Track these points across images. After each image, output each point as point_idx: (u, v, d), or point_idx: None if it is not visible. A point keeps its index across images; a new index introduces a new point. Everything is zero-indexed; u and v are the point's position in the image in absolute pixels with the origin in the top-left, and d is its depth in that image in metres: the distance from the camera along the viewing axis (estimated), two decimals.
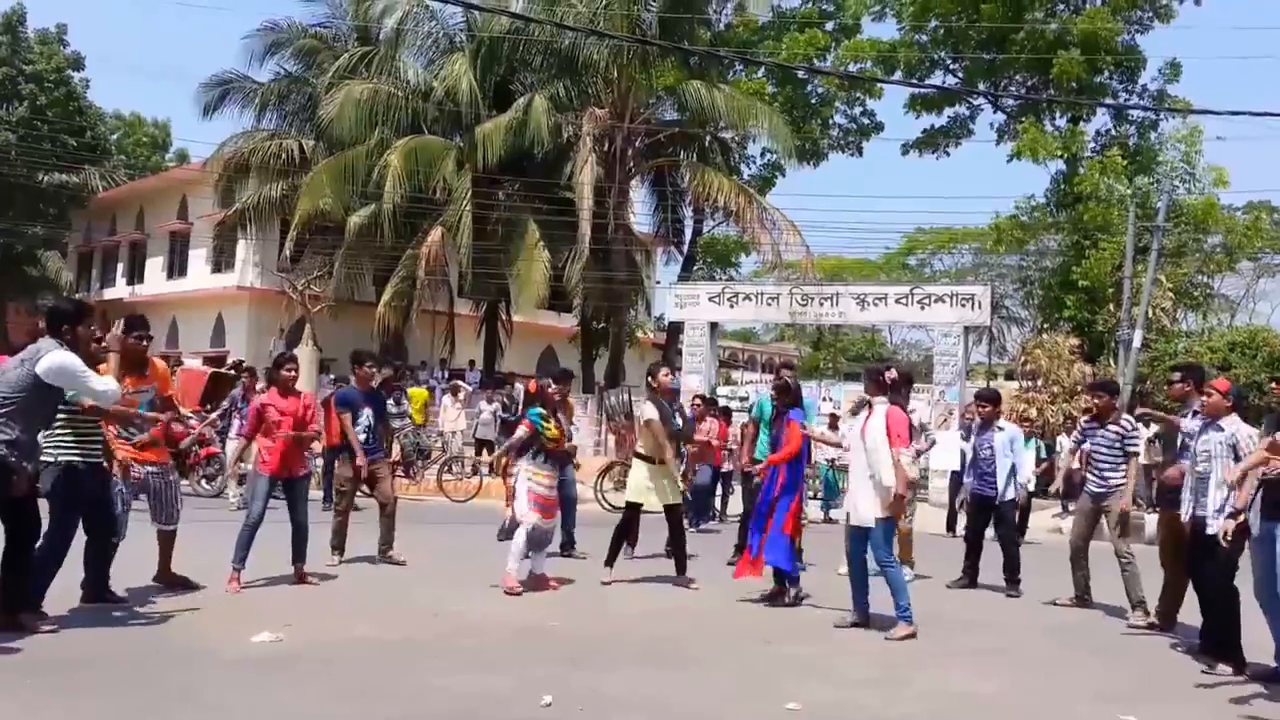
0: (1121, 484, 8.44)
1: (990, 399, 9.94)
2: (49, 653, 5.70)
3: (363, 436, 9.12)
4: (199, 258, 33.34)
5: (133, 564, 7.31)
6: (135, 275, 36.74)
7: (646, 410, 8.68)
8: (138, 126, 47.84)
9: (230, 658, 5.82)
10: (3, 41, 35.95)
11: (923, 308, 20.42)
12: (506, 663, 6.00)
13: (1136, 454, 8.63)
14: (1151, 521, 14.72)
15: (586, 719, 5.04)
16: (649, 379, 8.95)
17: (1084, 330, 25.26)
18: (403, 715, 4.99)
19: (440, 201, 25.43)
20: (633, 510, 8.88)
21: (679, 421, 9.00)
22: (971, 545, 9.68)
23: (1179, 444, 7.50)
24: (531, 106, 24.83)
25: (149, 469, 7.27)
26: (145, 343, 7.29)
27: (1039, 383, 22.75)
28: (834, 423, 16.04)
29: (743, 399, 21.67)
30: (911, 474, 7.35)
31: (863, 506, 7.28)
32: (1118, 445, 8.50)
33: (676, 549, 8.90)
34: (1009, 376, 31.31)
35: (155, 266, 35.64)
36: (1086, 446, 8.96)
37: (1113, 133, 29.15)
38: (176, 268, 34.71)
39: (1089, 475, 8.74)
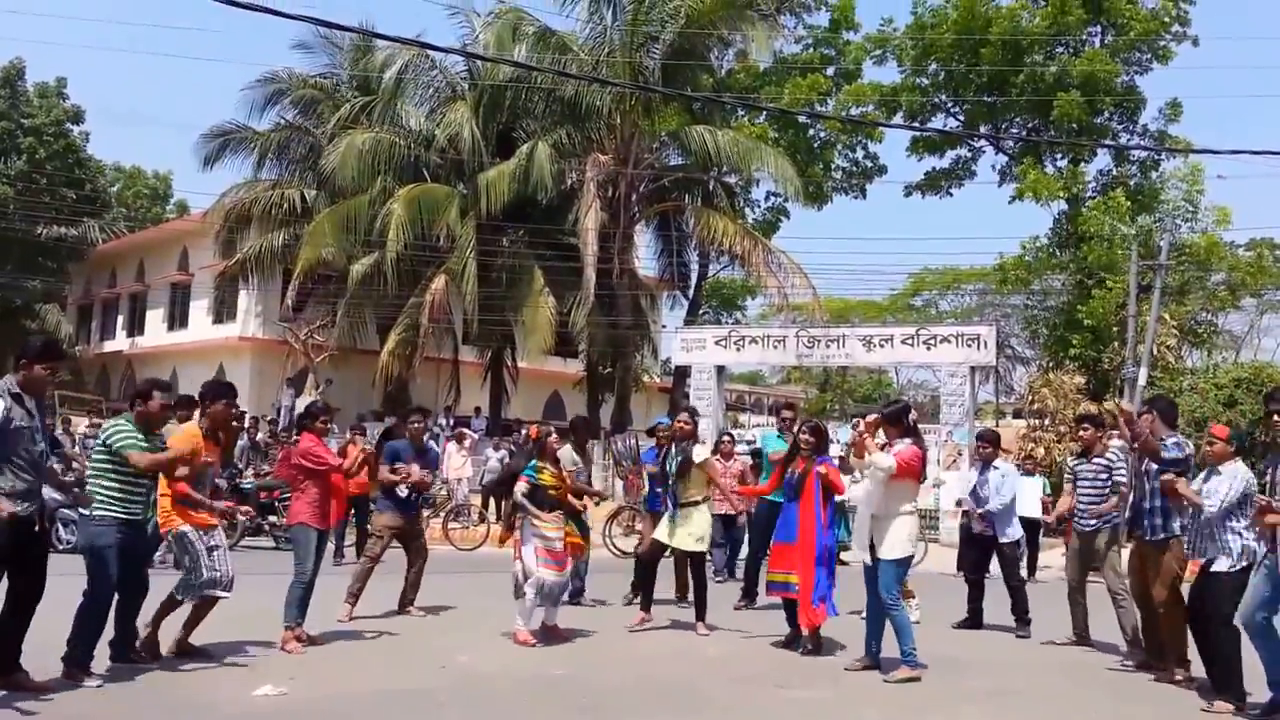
0: (1109, 520, 8.34)
1: (990, 440, 9.92)
2: (47, 711, 5.50)
3: (404, 491, 9.01)
4: (200, 308, 33.22)
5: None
6: (135, 327, 36.59)
7: (696, 453, 8.76)
8: (138, 178, 47.92)
9: (232, 713, 5.68)
10: (2, 95, 36.10)
11: (929, 348, 20.44)
12: (515, 713, 5.93)
13: (1123, 483, 8.29)
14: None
15: None
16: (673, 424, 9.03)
17: (1090, 368, 25.37)
18: None
19: (444, 249, 25.35)
20: (657, 548, 8.81)
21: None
22: (973, 585, 9.58)
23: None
24: (534, 153, 24.82)
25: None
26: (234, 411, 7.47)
27: (1046, 421, 22.72)
28: (843, 464, 15.84)
29: (749, 442, 21.47)
30: (855, 475, 7.50)
31: (877, 546, 7.14)
32: (1103, 477, 8.43)
33: (698, 595, 8.68)
34: (1016, 415, 31.28)
35: (156, 318, 35.49)
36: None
37: (1114, 173, 29.42)
38: (177, 319, 34.57)
39: (1076, 512, 8.65)
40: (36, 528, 5.82)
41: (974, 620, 9.45)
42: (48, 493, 6.12)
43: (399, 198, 24.71)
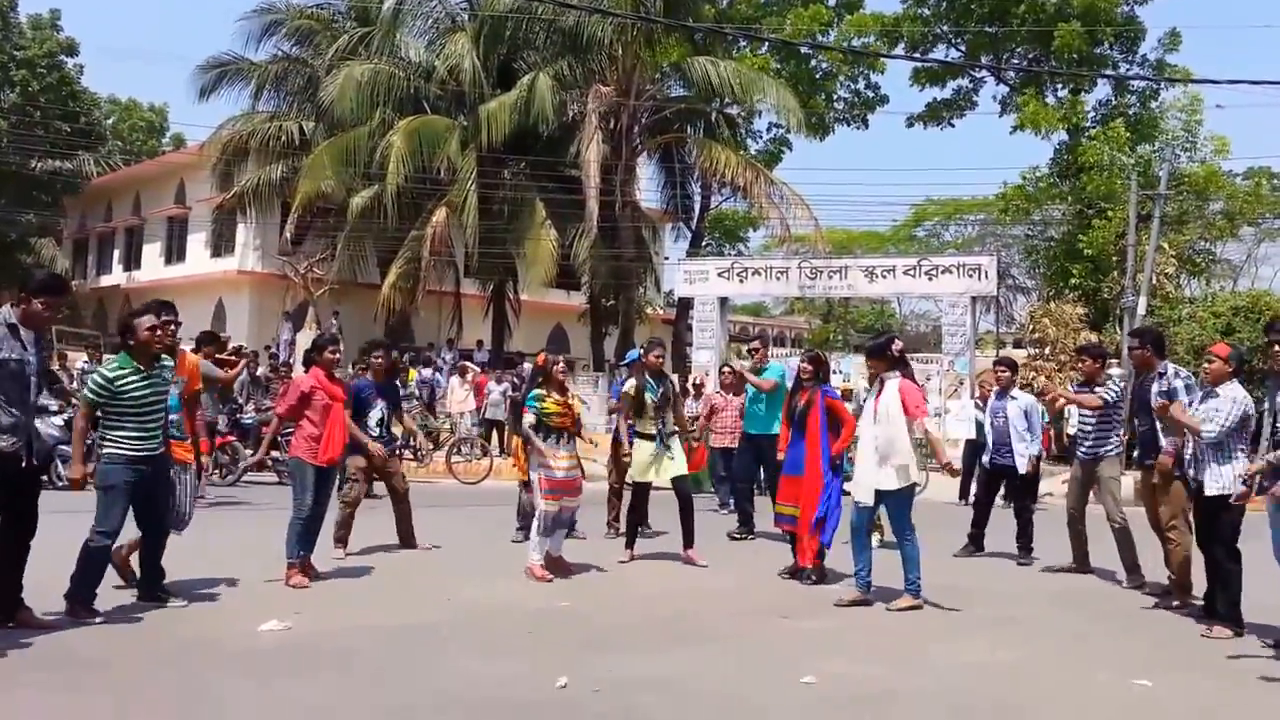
0: (1112, 448, 8.38)
1: (1010, 365, 9.99)
2: (53, 648, 5.52)
3: (376, 431, 8.76)
4: (198, 242, 33.04)
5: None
6: (132, 261, 36.46)
7: (628, 384, 8.81)
8: (133, 111, 47.28)
9: (237, 648, 5.66)
10: None
11: (930, 279, 20.59)
12: (520, 646, 5.90)
13: (1115, 406, 8.41)
14: (1127, 484, 14.79)
15: (602, 700, 4.93)
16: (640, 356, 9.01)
17: (1090, 298, 25.52)
18: (416, 701, 4.86)
19: (444, 181, 25.19)
20: (640, 489, 8.82)
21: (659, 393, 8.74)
22: (980, 513, 9.69)
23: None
24: (536, 85, 24.58)
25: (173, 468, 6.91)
26: (174, 329, 7.00)
27: (1046, 350, 22.91)
28: (846, 396, 16.06)
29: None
30: (936, 435, 7.19)
31: (882, 480, 7.08)
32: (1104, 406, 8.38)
33: (685, 521, 8.70)
34: (1017, 345, 31.52)
35: (153, 252, 35.34)
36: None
37: (1114, 103, 29.34)
38: (175, 253, 34.41)
39: (1078, 441, 8.76)
40: (23, 464, 5.72)
41: (975, 545, 9.56)
42: (47, 429, 5.94)
43: (399, 130, 24.51)
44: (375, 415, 8.79)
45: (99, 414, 6.23)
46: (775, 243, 27.61)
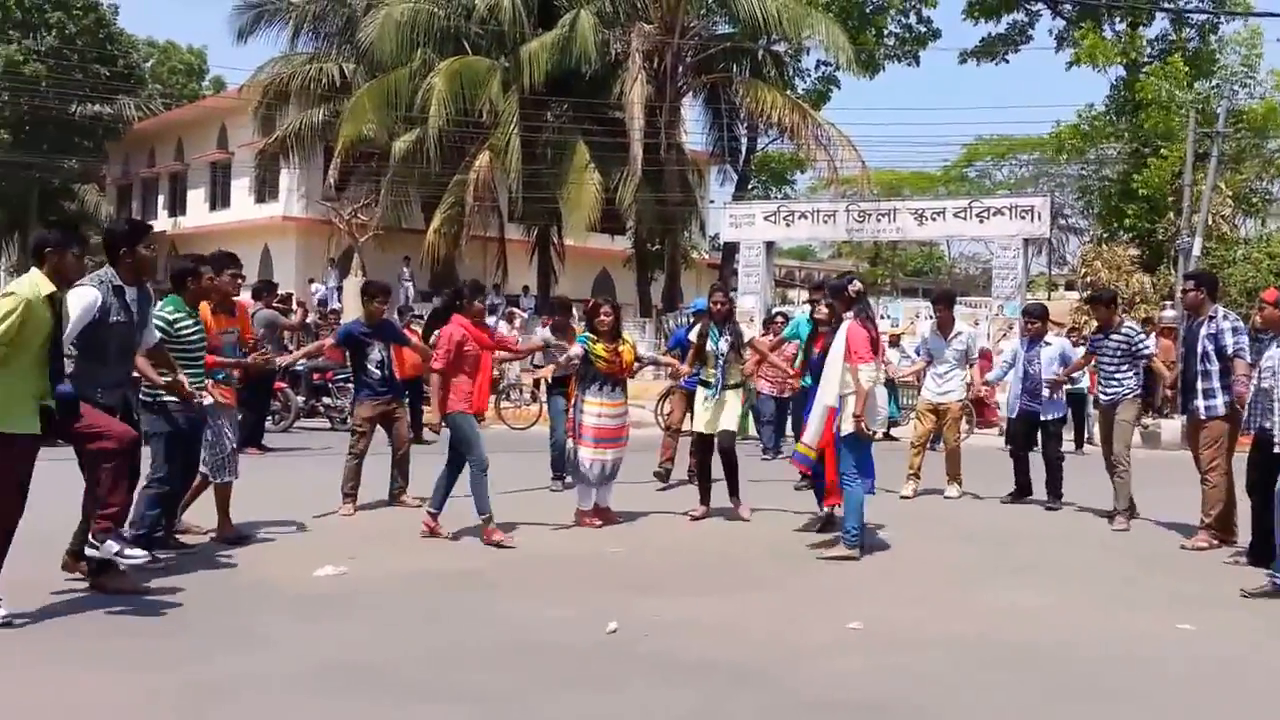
0: (1129, 391, 8.49)
1: (1038, 314, 9.70)
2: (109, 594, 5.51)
3: (377, 373, 8.38)
4: (241, 188, 32.99)
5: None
6: (177, 207, 36.50)
7: (693, 332, 8.75)
8: (172, 53, 47.13)
9: (294, 593, 5.74)
10: None
11: (981, 221, 20.17)
12: (570, 592, 5.94)
13: (1146, 357, 8.69)
14: (1169, 428, 14.45)
15: (651, 644, 4.94)
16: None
17: (1144, 239, 25.01)
18: (467, 644, 4.90)
19: (486, 124, 24.92)
20: (703, 441, 8.49)
21: (723, 346, 8.39)
22: (1019, 460, 9.59)
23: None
24: (578, 23, 24.11)
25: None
26: (239, 280, 7.09)
27: None
28: (895, 340, 15.72)
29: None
30: (866, 388, 6.91)
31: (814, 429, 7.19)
32: (1122, 351, 8.48)
33: (729, 474, 8.39)
34: (1069, 287, 30.96)
35: (197, 198, 35.33)
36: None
37: (1172, 37, 28.42)
38: (219, 199, 34.42)
39: (1099, 385, 8.82)
40: (119, 415, 5.57)
41: (1022, 492, 9.54)
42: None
43: (439, 71, 24.20)
44: (375, 356, 8.36)
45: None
46: (823, 185, 27.14)
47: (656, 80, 24.97)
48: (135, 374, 5.85)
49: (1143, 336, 8.77)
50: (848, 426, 6.97)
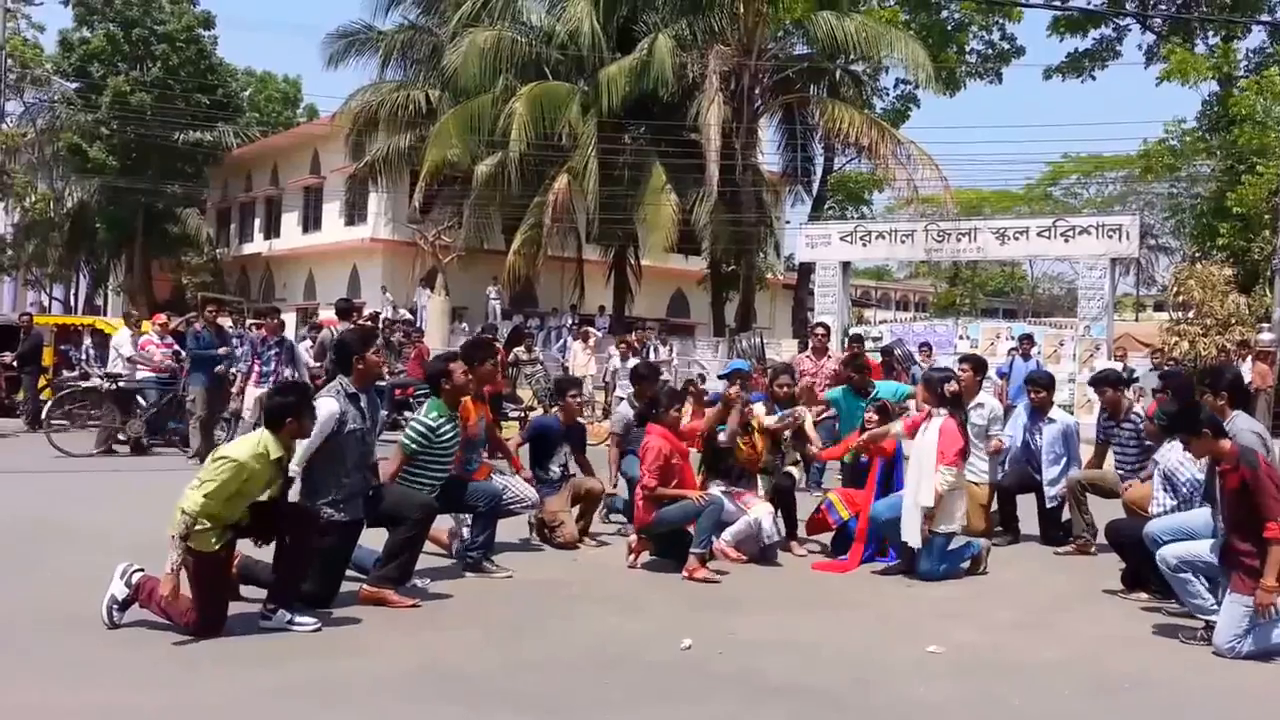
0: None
1: (1044, 384, 8.63)
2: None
3: (557, 473, 8.04)
4: (332, 211, 34.16)
5: None
6: (272, 230, 37.90)
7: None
8: (269, 83, 48.86)
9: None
10: (134, 2, 36.96)
11: (1066, 240, 19.76)
12: (646, 607, 6.06)
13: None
14: None
15: (726, 662, 5.00)
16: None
17: (1238, 258, 24.20)
18: (545, 655, 5.04)
19: (566, 147, 25.36)
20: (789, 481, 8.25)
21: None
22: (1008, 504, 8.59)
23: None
24: (655, 47, 24.47)
25: None
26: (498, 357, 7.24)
27: (1191, 314, 21.82)
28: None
29: (876, 339, 21.26)
30: (942, 491, 6.69)
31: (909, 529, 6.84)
32: (1135, 440, 7.68)
33: (786, 514, 8.12)
34: (1158, 308, 30.15)
35: (291, 221, 36.66)
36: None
37: (1268, 50, 27.59)
38: (311, 221, 35.65)
39: (1121, 476, 7.86)
40: (363, 528, 5.80)
41: (1013, 534, 8.54)
42: None
43: (521, 96, 24.73)
44: (559, 459, 8.06)
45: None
46: (901, 204, 26.94)
47: (733, 102, 25.12)
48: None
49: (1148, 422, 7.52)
50: (915, 540, 6.78)
